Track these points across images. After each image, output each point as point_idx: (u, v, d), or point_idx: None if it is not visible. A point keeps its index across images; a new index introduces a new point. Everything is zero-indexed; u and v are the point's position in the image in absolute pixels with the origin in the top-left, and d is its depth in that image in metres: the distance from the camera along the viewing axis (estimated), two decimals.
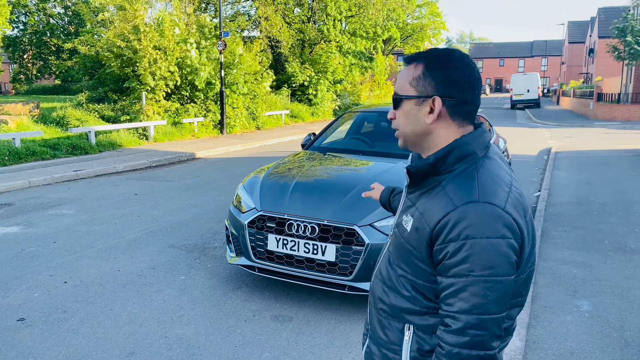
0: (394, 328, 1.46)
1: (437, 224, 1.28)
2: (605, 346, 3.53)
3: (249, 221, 4.26)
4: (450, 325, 1.27)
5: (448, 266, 1.27)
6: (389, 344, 1.47)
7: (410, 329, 1.42)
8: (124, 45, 15.83)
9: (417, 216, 1.36)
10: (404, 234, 1.40)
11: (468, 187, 1.29)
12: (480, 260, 1.22)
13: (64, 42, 30.97)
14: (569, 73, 62.06)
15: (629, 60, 27.39)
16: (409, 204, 1.44)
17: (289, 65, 26.33)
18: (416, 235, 1.34)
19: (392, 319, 1.46)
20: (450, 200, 1.28)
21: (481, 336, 1.24)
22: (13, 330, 3.83)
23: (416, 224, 1.35)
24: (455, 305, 1.26)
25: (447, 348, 1.27)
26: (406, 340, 1.42)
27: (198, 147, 14.51)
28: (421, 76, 1.39)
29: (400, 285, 1.43)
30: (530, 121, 26.68)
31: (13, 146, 11.81)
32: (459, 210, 1.26)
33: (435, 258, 1.30)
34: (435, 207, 1.31)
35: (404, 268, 1.41)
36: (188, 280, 4.82)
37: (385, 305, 1.48)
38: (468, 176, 1.32)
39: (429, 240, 1.31)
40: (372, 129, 6.21)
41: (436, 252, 1.29)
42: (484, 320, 1.24)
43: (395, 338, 1.45)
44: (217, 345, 3.62)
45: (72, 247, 5.77)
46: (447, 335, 1.28)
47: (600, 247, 5.64)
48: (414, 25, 44.13)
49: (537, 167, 11.58)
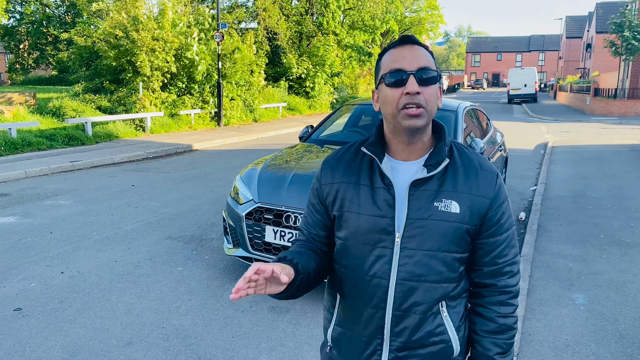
0: (432, 315, 1.42)
1: (493, 194, 1.44)
2: (600, 339, 3.56)
3: (247, 213, 4.26)
4: (512, 270, 1.48)
5: (503, 224, 1.46)
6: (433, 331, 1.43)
7: (444, 304, 1.43)
8: (121, 35, 15.75)
9: (463, 197, 1.41)
10: (451, 218, 1.39)
11: (486, 160, 1.51)
12: (511, 212, 1.50)
13: (60, 33, 30.78)
14: (566, 68, 62.06)
15: (626, 55, 27.38)
16: (429, 194, 1.40)
17: (286, 58, 26.23)
18: (471, 212, 1.42)
19: (429, 310, 1.42)
20: (490, 172, 1.46)
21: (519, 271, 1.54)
22: (10, 320, 3.83)
23: (467, 203, 1.41)
24: (510, 253, 1.48)
25: (515, 290, 1.49)
26: (445, 317, 1.44)
27: (195, 139, 14.48)
28: (432, 59, 1.44)
29: (451, 269, 1.42)
30: (527, 116, 26.71)
31: (9, 136, 11.76)
32: (499, 178, 1.47)
33: (489, 223, 1.45)
34: (483, 182, 1.44)
35: (455, 249, 1.42)
36: (185, 271, 4.83)
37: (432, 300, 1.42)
38: (472, 152, 1.51)
39: (486, 210, 1.44)
40: (370, 122, 6.20)
41: (490, 218, 1.44)
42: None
43: (437, 321, 1.43)
44: (214, 336, 3.63)
45: (69, 238, 5.77)
46: (512, 279, 1.48)
47: (596, 241, 5.67)
48: (412, 19, 44.02)
49: (533, 162, 11.60)
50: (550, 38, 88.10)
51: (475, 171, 1.44)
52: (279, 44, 27.01)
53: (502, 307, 1.47)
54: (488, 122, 7.32)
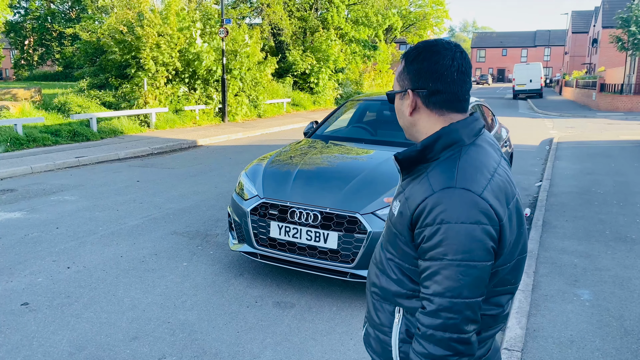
0: (385, 310, 1.50)
1: (416, 208, 1.33)
2: (605, 335, 3.56)
3: (252, 208, 4.27)
4: (426, 307, 1.31)
5: (425, 249, 1.31)
6: (381, 326, 1.52)
7: (400, 312, 1.46)
8: (126, 30, 15.76)
9: (402, 201, 1.42)
10: (392, 219, 1.46)
11: (447, 173, 1.33)
12: (454, 244, 1.25)
13: (65, 28, 30.82)
14: (572, 63, 61.76)
15: (632, 50, 27.23)
16: (400, 190, 1.48)
17: (290, 54, 26.20)
18: (400, 219, 1.40)
19: (384, 301, 1.51)
20: (430, 186, 1.33)
21: (453, 319, 1.27)
22: (17, 315, 3.86)
23: (401, 208, 1.41)
24: (430, 288, 1.30)
25: (422, 329, 1.31)
26: (396, 323, 1.47)
27: (199, 135, 14.50)
28: (402, 72, 1.48)
29: (389, 269, 1.49)
30: (532, 111, 26.60)
31: (15, 132, 11.81)
32: (435, 196, 1.30)
33: (415, 241, 1.36)
34: (417, 192, 1.36)
35: (392, 251, 1.47)
36: (190, 266, 4.85)
37: (377, 288, 1.53)
38: (450, 163, 1.36)
39: (410, 224, 1.36)
40: (375, 118, 6.20)
41: (416, 236, 1.35)
42: (456, 304, 1.26)
43: (387, 320, 1.50)
44: (220, 331, 3.65)
45: (75, 233, 5.80)
46: (423, 316, 1.31)
47: (601, 237, 5.65)
48: (416, 14, 43.87)
49: (538, 157, 11.57)
50: (556, 33, 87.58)
51: (423, 180, 1.37)
52: (283, 39, 26.97)
53: (415, 342, 1.35)
54: (493, 118, 7.30)
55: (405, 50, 1.49)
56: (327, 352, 3.41)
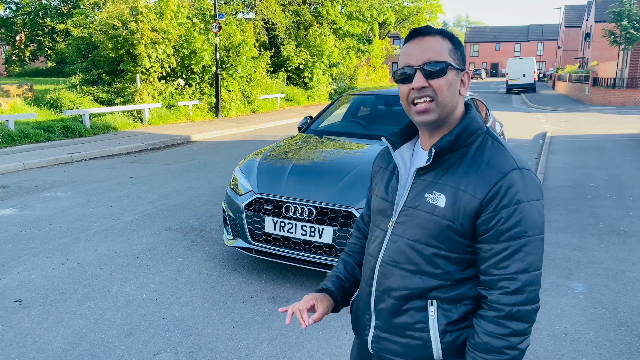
0: (414, 309, 1.44)
1: (487, 194, 1.33)
2: (599, 327, 3.58)
3: (246, 204, 4.26)
4: (508, 287, 1.33)
5: (501, 231, 1.33)
6: (408, 326, 1.45)
7: (434, 304, 1.42)
8: (120, 25, 15.64)
9: (451, 191, 1.37)
10: (435, 211, 1.39)
11: (506, 157, 1.38)
12: (531, 221, 1.33)
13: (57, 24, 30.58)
14: (565, 57, 61.93)
15: (624, 44, 27.31)
16: (425, 184, 1.43)
17: (284, 49, 26.12)
18: (454, 209, 1.36)
19: (411, 301, 1.44)
20: (496, 170, 1.35)
21: (535, 290, 1.34)
22: (11, 311, 3.84)
23: (452, 199, 1.37)
24: (511, 267, 1.32)
25: (507, 309, 1.33)
26: (432, 317, 1.42)
27: (193, 130, 14.45)
28: (453, 49, 1.42)
29: (430, 264, 1.41)
30: (525, 105, 26.68)
31: (6, 128, 11.72)
32: (508, 178, 1.33)
33: (483, 227, 1.35)
34: (478, 179, 1.35)
35: (436, 244, 1.40)
36: (185, 262, 4.83)
37: (404, 290, 1.44)
38: (497, 147, 1.41)
39: (477, 211, 1.35)
40: (369, 112, 6.19)
41: (485, 221, 1.34)
42: (537, 276, 1.34)
43: (417, 318, 1.44)
44: (215, 326, 3.65)
45: (69, 230, 5.77)
46: (505, 296, 1.33)
47: (595, 230, 5.69)
48: (410, 8, 43.84)
49: (532, 151, 11.60)
50: (549, 27, 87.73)
51: (477, 167, 1.37)
52: (276, 34, 26.88)
53: (490, 324, 1.34)
54: (487, 112, 7.30)
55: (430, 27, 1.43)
56: (322, 347, 3.41)
